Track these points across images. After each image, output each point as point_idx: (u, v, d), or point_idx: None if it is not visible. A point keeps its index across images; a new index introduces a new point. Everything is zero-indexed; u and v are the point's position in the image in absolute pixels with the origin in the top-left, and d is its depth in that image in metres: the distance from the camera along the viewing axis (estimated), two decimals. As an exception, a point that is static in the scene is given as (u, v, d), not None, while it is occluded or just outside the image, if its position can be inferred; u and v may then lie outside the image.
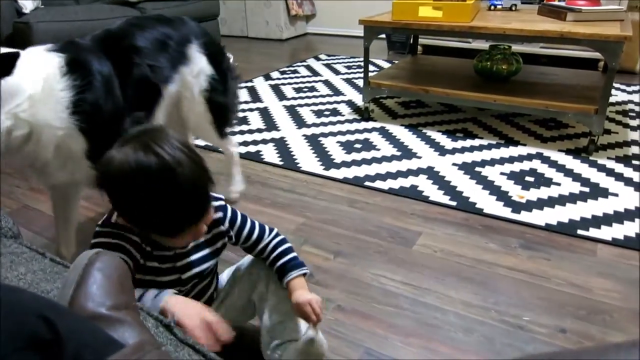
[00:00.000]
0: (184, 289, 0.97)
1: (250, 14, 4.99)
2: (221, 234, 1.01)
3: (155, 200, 0.76)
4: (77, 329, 0.39)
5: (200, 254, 0.98)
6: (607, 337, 1.17)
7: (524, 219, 1.64)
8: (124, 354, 0.36)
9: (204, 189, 0.83)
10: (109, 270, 0.54)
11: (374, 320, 1.24)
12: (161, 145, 0.77)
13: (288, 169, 2.09)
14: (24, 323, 0.35)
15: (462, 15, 2.17)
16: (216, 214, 0.98)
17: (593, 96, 2.16)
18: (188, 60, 1.55)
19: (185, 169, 0.77)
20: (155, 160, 0.75)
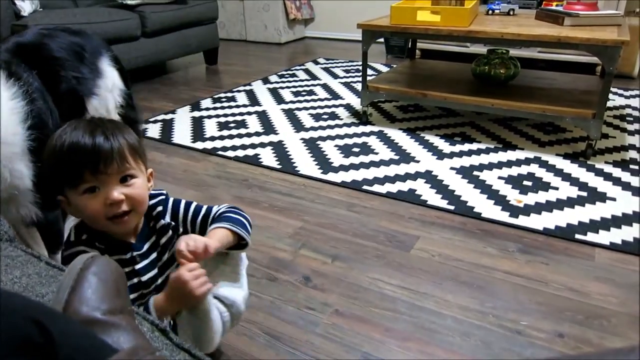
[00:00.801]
0: (147, 291, 0.97)
1: (249, 17, 5.00)
2: (163, 228, 0.99)
3: (61, 145, 0.86)
4: (70, 333, 0.39)
5: (152, 257, 0.98)
6: (605, 342, 1.17)
7: (522, 223, 1.64)
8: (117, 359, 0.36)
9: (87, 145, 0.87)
10: (104, 274, 0.54)
11: (371, 324, 1.23)
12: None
13: (286, 172, 2.08)
14: (16, 327, 0.35)
15: (460, 19, 2.18)
16: (156, 208, 0.99)
17: (591, 100, 2.17)
18: (102, 74, 1.48)
19: (97, 124, 0.90)
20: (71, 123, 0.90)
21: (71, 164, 0.84)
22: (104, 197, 0.85)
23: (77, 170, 0.84)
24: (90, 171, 0.84)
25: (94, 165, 0.84)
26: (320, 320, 1.25)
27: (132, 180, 0.89)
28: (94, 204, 0.85)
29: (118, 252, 0.93)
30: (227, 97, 3.19)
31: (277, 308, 1.29)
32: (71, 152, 0.84)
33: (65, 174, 0.86)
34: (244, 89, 3.35)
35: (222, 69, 4.01)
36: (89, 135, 0.85)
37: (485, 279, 1.40)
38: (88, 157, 0.84)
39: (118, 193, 0.86)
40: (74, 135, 0.85)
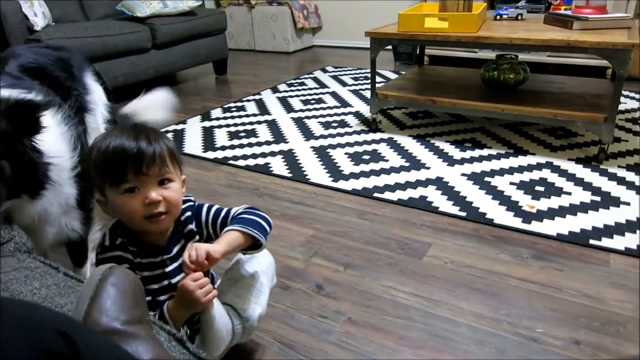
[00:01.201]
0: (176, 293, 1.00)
1: (257, 27, 5.04)
2: (191, 233, 1.04)
3: (106, 145, 0.91)
4: (94, 344, 0.39)
5: (181, 260, 1.00)
6: (622, 349, 1.16)
7: (535, 229, 1.63)
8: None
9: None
10: (123, 285, 0.55)
11: (384, 332, 1.23)
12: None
13: (297, 181, 2.09)
14: (41, 338, 0.35)
15: (468, 25, 2.18)
16: (185, 213, 1.04)
17: (602, 104, 2.16)
18: (89, 90, 1.48)
19: (141, 127, 0.97)
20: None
21: (116, 164, 0.90)
22: (143, 197, 0.91)
23: (121, 170, 0.89)
24: (133, 171, 0.89)
25: (137, 166, 0.89)
26: (333, 328, 1.25)
27: (169, 184, 0.94)
28: (133, 203, 0.90)
29: (150, 255, 0.98)
30: (237, 106, 3.21)
31: (290, 316, 1.30)
32: (116, 153, 0.89)
33: (109, 174, 0.91)
34: (253, 99, 3.37)
35: (232, 79, 4.04)
36: (133, 139, 0.91)
37: (499, 285, 1.39)
38: (132, 158, 0.89)
39: (156, 194, 0.91)
40: (119, 139, 0.91)
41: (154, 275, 0.99)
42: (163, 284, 1.00)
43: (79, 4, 3.50)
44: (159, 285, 1.00)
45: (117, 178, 0.90)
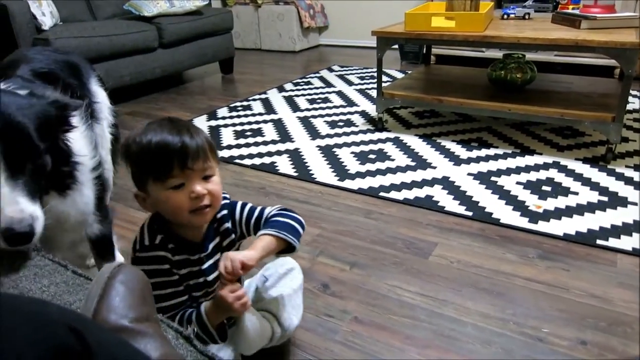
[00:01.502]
0: (211, 289, 1.05)
1: (263, 27, 5.05)
2: (227, 231, 1.06)
3: (150, 140, 0.91)
4: (105, 341, 0.40)
5: (216, 257, 1.04)
6: (629, 349, 1.15)
7: (541, 229, 1.62)
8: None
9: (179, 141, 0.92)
10: (131, 283, 0.55)
11: (390, 331, 1.23)
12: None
13: (303, 180, 2.09)
14: (53, 335, 0.36)
15: (475, 25, 2.18)
16: (222, 211, 1.05)
17: (610, 104, 2.14)
18: (95, 94, 1.49)
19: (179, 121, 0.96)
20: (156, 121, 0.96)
21: (161, 160, 0.90)
22: (189, 191, 0.92)
23: (167, 166, 0.90)
24: (179, 167, 0.90)
25: (182, 161, 0.90)
26: (340, 327, 1.25)
27: (212, 178, 0.96)
28: (180, 198, 0.91)
29: (186, 252, 0.99)
30: (243, 105, 3.22)
31: (296, 315, 1.30)
32: (160, 149, 0.89)
33: (154, 170, 0.91)
34: (259, 98, 3.38)
35: (238, 78, 4.05)
36: (176, 133, 0.91)
37: (506, 285, 1.38)
38: (177, 154, 0.90)
39: (201, 187, 0.92)
40: (160, 133, 0.91)
41: (191, 272, 1.01)
42: (199, 281, 1.02)
43: (87, 4, 3.52)
44: (195, 282, 1.02)
45: (163, 174, 0.91)
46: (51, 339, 0.35)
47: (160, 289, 0.97)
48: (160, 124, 0.94)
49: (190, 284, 1.02)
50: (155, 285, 0.95)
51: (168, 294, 0.98)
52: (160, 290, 0.97)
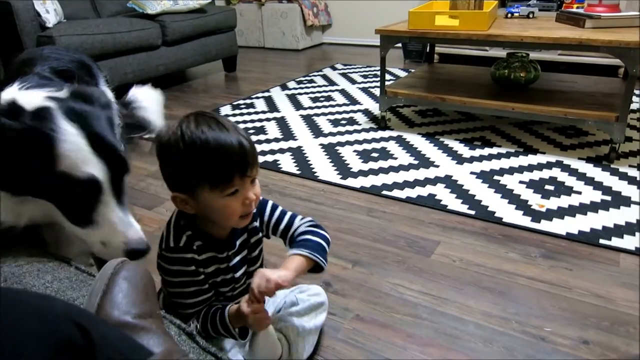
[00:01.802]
0: (238, 285, 1.06)
1: (267, 24, 5.04)
2: (255, 230, 1.07)
3: (208, 146, 0.85)
4: (108, 335, 0.40)
5: (243, 254, 1.05)
6: (631, 349, 1.15)
7: (544, 228, 1.62)
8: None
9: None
10: (135, 279, 0.55)
11: (392, 329, 1.23)
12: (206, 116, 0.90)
13: (305, 178, 2.09)
14: (58, 329, 0.36)
15: (479, 23, 2.17)
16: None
17: (613, 103, 2.14)
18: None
19: (229, 125, 0.90)
20: (206, 120, 0.88)
21: (222, 168, 0.87)
22: (243, 197, 0.91)
23: (228, 175, 0.87)
24: (239, 175, 0.88)
25: (243, 169, 0.88)
26: (342, 325, 1.25)
27: (256, 181, 0.95)
28: (234, 204, 0.90)
29: (214, 249, 0.99)
30: (246, 103, 3.22)
31: (298, 313, 1.30)
32: (221, 155, 0.86)
33: (212, 177, 0.87)
34: (262, 96, 3.38)
35: (241, 76, 4.05)
36: (233, 137, 0.87)
37: (508, 284, 1.38)
38: (238, 161, 0.87)
39: (252, 193, 0.92)
40: (213, 133, 0.86)
41: (218, 270, 1.01)
42: (226, 278, 1.03)
43: (91, 2, 3.53)
44: (222, 279, 1.02)
45: (223, 182, 0.88)
46: (55, 333, 0.35)
47: (184, 287, 0.97)
48: (205, 119, 0.88)
49: (218, 281, 1.02)
50: (179, 284, 0.96)
51: (192, 292, 0.98)
52: (184, 288, 0.97)
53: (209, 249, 0.99)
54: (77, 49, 2.77)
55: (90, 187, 0.79)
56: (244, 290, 1.09)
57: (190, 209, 0.93)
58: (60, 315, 0.37)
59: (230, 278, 1.04)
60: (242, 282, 1.08)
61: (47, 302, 0.39)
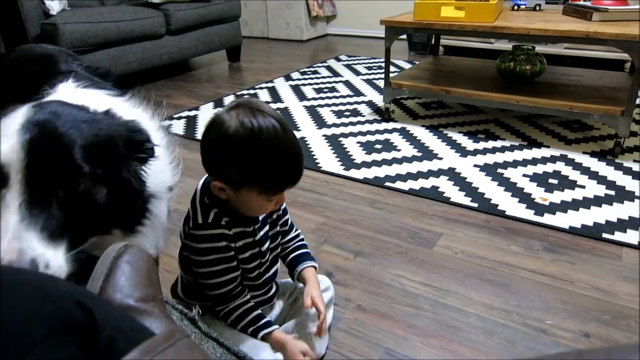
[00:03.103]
0: (264, 260, 1.08)
1: (271, 15, 5.02)
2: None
3: (274, 156, 0.87)
4: (111, 315, 0.40)
5: (266, 229, 1.08)
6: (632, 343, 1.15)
7: (547, 222, 1.62)
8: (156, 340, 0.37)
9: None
10: (137, 263, 0.55)
11: (393, 320, 1.23)
12: (268, 111, 0.89)
13: (308, 168, 2.09)
14: (60, 308, 0.36)
15: (485, 15, 2.15)
16: None
17: (619, 97, 2.12)
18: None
19: (290, 131, 0.90)
20: (272, 122, 0.86)
21: (279, 179, 0.91)
22: (277, 199, 0.95)
23: (283, 186, 0.92)
24: (290, 186, 0.93)
25: (295, 182, 0.93)
26: (343, 315, 1.25)
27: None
28: (270, 205, 0.96)
29: (242, 224, 1.00)
30: (249, 94, 3.21)
31: (299, 302, 1.30)
32: (282, 167, 0.89)
33: (265, 183, 0.90)
34: (266, 86, 3.37)
35: (245, 66, 4.04)
36: (295, 147, 0.90)
37: (510, 277, 1.38)
38: (294, 175, 0.92)
39: (285, 196, 0.98)
40: (281, 146, 0.88)
41: (246, 244, 1.02)
42: (254, 252, 1.04)
43: (95, -11, 3.51)
44: (250, 253, 1.04)
45: (273, 190, 0.92)
46: (59, 313, 0.35)
47: (214, 265, 0.98)
48: (268, 123, 0.87)
49: (246, 257, 1.03)
50: (209, 263, 0.97)
51: (221, 269, 0.99)
52: (214, 266, 0.98)
53: (237, 224, 0.99)
54: (81, 37, 2.77)
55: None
56: (269, 266, 1.11)
57: (225, 196, 0.94)
58: (63, 294, 0.38)
59: (258, 252, 1.05)
60: (267, 258, 1.09)
61: (50, 282, 0.39)
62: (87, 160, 0.64)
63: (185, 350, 0.38)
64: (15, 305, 0.34)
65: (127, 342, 0.37)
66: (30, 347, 0.32)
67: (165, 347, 0.37)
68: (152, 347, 0.36)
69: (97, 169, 0.65)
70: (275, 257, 1.15)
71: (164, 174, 0.87)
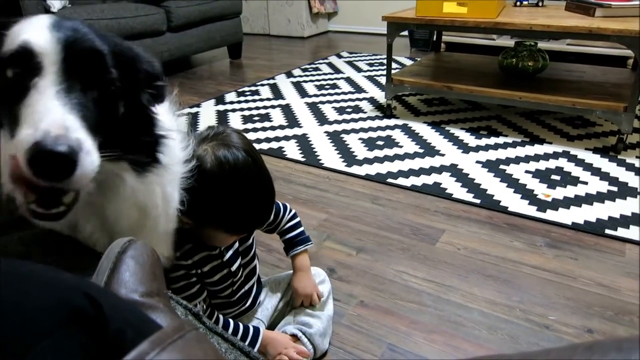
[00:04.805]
0: (236, 278, 1.06)
1: (272, 11, 5.01)
2: None
3: (245, 196, 0.87)
4: (118, 307, 0.40)
5: (235, 247, 1.06)
6: (636, 339, 1.15)
7: (549, 218, 1.61)
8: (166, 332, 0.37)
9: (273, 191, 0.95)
10: (142, 258, 0.55)
11: (396, 316, 1.23)
12: (239, 146, 0.88)
13: (310, 165, 2.09)
14: (68, 299, 0.36)
15: (488, 11, 2.15)
16: None
17: (622, 94, 2.12)
18: None
19: (264, 169, 0.92)
20: (245, 158, 0.86)
21: (248, 225, 0.94)
22: (239, 234, 0.97)
23: (251, 229, 0.96)
24: (257, 228, 0.97)
25: (262, 224, 0.97)
26: (346, 311, 1.25)
27: None
28: (231, 239, 0.97)
29: (207, 249, 0.99)
30: (251, 90, 3.21)
31: (302, 298, 1.30)
32: (253, 213, 0.91)
33: (236, 229, 0.92)
34: (267, 83, 3.37)
35: (246, 63, 4.04)
36: (268, 192, 0.93)
37: (512, 273, 1.38)
38: (263, 219, 0.95)
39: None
40: (255, 192, 0.90)
41: (214, 267, 1.01)
42: (223, 273, 1.03)
43: (96, -14, 3.50)
44: (220, 276, 1.03)
45: (238, 232, 0.94)
46: (66, 303, 0.36)
47: (175, 283, 0.97)
48: (243, 161, 0.87)
49: (215, 280, 1.02)
50: (170, 280, 0.96)
51: (180, 287, 0.98)
52: (175, 284, 0.97)
53: (202, 249, 0.98)
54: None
55: (22, 62, 0.56)
56: (243, 282, 1.10)
57: (187, 226, 0.92)
58: (70, 286, 0.38)
59: (227, 273, 1.04)
60: (240, 275, 1.08)
61: (57, 274, 0.39)
62: (115, 68, 0.64)
63: (195, 342, 0.38)
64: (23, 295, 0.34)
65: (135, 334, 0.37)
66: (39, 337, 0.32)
67: (174, 338, 0.37)
68: (162, 338, 0.36)
69: (121, 80, 0.65)
70: (251, 270, 1.13)
71: (170, 121, 0.81)
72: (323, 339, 1.12)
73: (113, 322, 0.37)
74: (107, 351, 0.36)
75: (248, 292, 1.12)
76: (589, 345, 0.34)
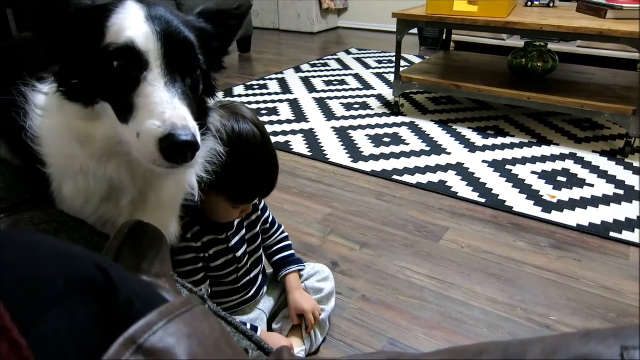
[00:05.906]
0: (241, 265, 1.07)
1: (282, 6, 5.01)
2: (254, 208, 1.11)
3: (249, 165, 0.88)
4: (127, 279, 0.41)
5: (242, 233, 1.07)
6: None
7: (554, 219, 1.61)
8: (174, 305, 0.37)
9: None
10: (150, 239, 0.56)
11: (398, 311, 1.24)
12: (248, 117, 0.91)
13: (316, 160, 2.09)
14: (80, 269, 0.37)
15: (498, 10, 2.14)
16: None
17: (631, 97, 2.11)
18: None
19: (269, 141, 0.94)
20: (252, 129, 0.89)
21: (250, 192, 0.93)
22: (244, 208, 0.97)
23: (252, 198, 0.95)
24: (260, 198, 0.96)
25: (265, 195, 0.96)
26: (348, 305, 1.26)
27: None
28: (235, 213, 0.97)
29: (214, 232, 1.01)
30: (259, 84, 3.21)
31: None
32: (255, 179, 0.91)
33: (237, 196, 0.92)
34: (276, 77, 3.37)
35: (255, 57, 4.04)
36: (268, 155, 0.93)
37: (515, 272, 1.38)
38: (266, 189, 0.94)
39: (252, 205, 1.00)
40: (258, 149, 0.91)
41: (219, 251, 1.02)
42: (228, 258, 1.04)
43: (107, -24, 3.52)
44: (225, 260, 1.04)
45: (242, 201, 0.94)
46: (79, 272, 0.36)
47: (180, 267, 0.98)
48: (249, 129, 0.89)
49: (219, 264, 1.03)
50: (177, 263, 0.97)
51: (187, 271, 0.98)
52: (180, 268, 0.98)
53: (208, 231, 0.99)
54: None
55: (129, 57, 0.62)
56: (248, 270, 1.10)
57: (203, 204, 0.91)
58: (82, 257, 0.39)
59: (232, 258, 1.04)
60: (244, 262, 1.09)
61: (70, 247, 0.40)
62: (199, 53, 0.71)
63: (202, 316, 0.39)
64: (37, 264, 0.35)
65: (143, 305, 0.38)
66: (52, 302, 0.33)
67: (183, 311, 0.37)
68: (171, 310, 0.37)
69: (204, 63, 0.72)
70: (257, 259, 1.14)
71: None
72: (319, 332, 1.13)
73: (122, 293, 0.38)
74: (116, 320, 0.37)
75: (253, 281, 1.13)
76: (585, 333, 0.34)
